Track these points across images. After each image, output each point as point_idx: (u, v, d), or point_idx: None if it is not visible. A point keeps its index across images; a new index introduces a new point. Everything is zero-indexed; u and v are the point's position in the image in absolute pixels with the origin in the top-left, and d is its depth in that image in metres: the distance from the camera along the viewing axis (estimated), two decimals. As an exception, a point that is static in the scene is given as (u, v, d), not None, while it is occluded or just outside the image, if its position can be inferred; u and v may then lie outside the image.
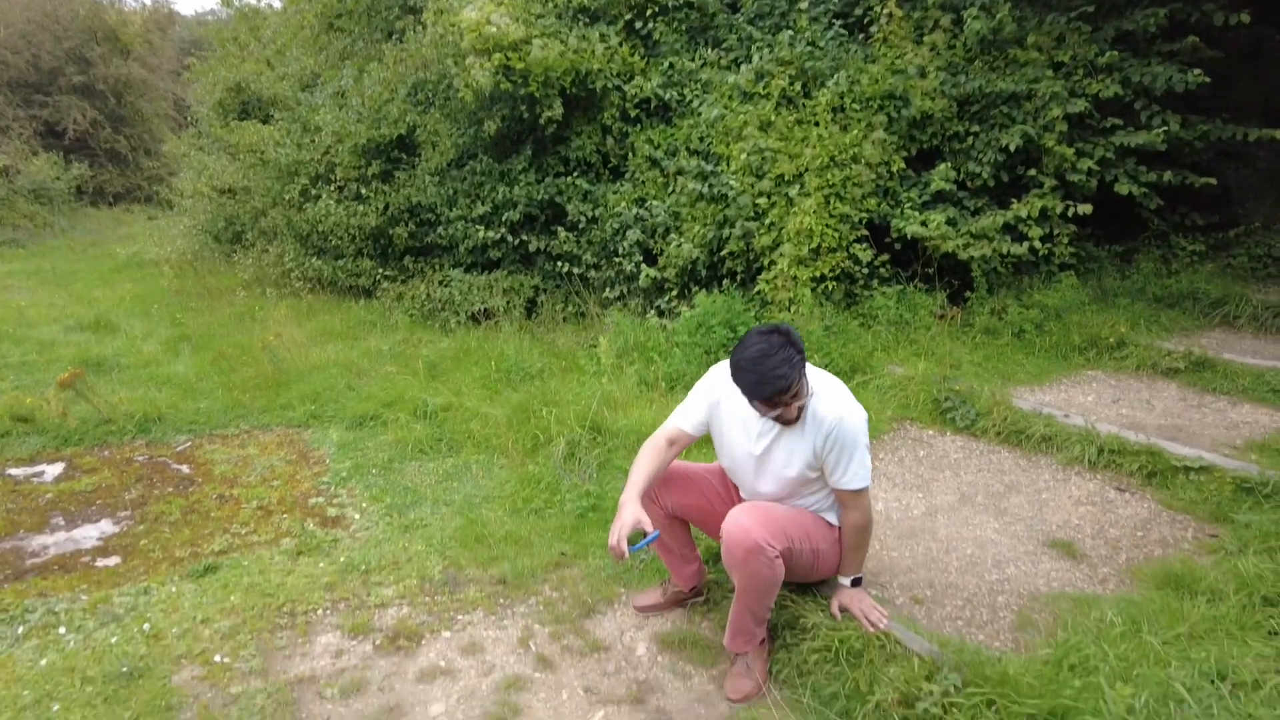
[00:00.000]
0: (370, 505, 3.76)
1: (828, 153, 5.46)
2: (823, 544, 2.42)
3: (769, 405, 2.22)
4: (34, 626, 2.81)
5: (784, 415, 2.25)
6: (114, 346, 6.49)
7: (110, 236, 16.10)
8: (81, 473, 4.27)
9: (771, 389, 2.15)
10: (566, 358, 5.46)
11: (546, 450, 4.04)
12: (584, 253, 6.41)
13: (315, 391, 5.20)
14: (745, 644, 2.43)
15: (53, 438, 4.64)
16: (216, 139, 9.95)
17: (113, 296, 8.90)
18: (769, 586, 2.31)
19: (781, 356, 2.14)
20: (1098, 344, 4.87)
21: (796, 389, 2.18)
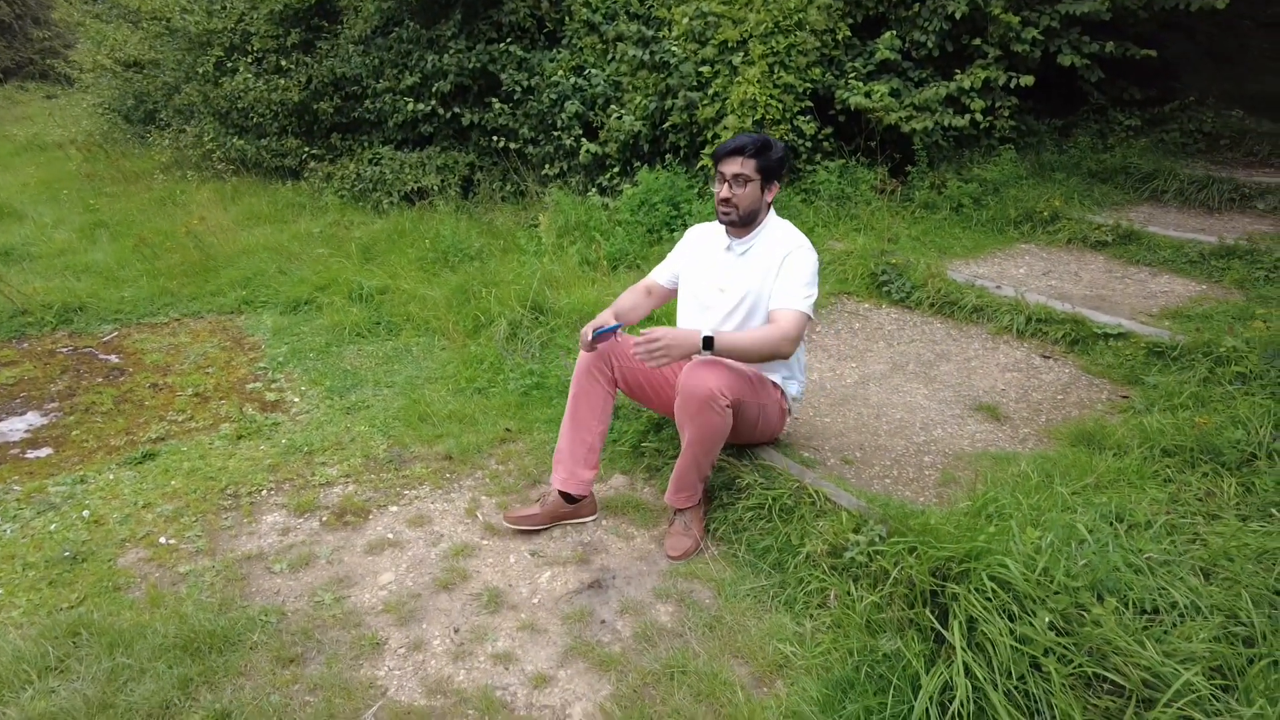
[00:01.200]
0: (310, 389, 3.72)
1: (772, 18, 5.26)
2: (768, 402, 2.50)
3: (729, 163, 2.36)
4: (-35, 517, 2.76)
5: (735, 197, 2.38)
6: (21, 235, 6.13)
7: (4, 118, 14.88)
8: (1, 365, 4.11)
9: (734, 144, 2.35)
10: (506, 238, 5.35)
11: (488, 331, 4.01)
12: (520, 126, 6.17)
13: (246, 277, 5.02)
14: (686, 500, 2.52)
15: (-36, 330, 4.43)
16: (115, 4, 9.10)
17: (14, 182, 8.32)
18: (718, 436, 2.36)
19: (755, 137, 2.37)
20: (1032, 218, 4.96)
21: (754, 165, 2.35)
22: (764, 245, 2.45)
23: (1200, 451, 2.52)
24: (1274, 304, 3.57)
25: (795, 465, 2.59)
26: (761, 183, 2.39)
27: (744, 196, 2.38)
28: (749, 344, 2.29)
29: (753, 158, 2.35)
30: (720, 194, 2.41)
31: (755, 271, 2.43)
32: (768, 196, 2.44)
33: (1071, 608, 1.77)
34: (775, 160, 2.39)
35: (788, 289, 2.36)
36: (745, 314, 2.46)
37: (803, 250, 2.41)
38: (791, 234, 2.46)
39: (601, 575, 2.41)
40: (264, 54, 7.12)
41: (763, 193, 2.41)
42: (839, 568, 2.17)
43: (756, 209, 2.42)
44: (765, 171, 2.38)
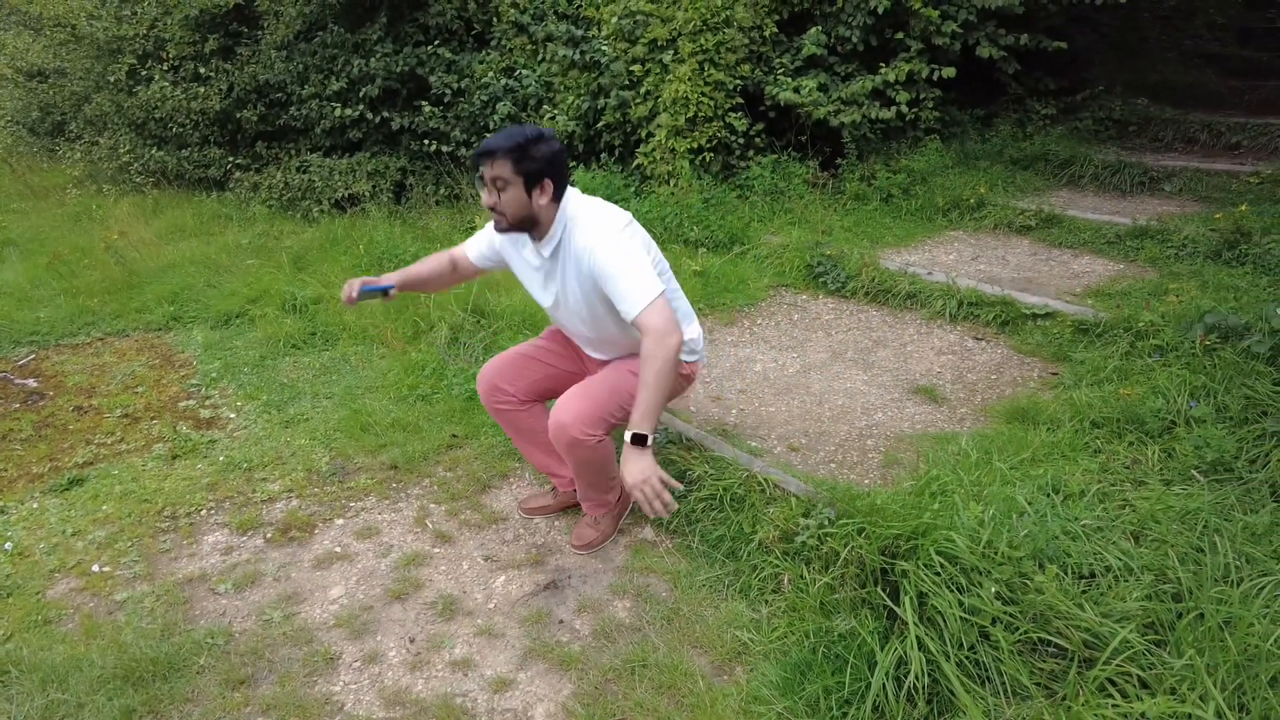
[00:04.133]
0: (246, 404, 3.61)
1: (700, 16, 5.31)
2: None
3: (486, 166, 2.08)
4: (-124, 556, 2.60)
5: (499, 203, 2.09)
6: (-75, 256, 5.79)
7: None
8: (-94, 394, 3.87)
9: (487, 144, 2.07)
10: (442, 241, 5.27)
11: (429, 337, 3.96)
12: (452, 129, 6.10)
13: (172, 292, 4.84)
14: (597, 508, 2.52)
15: None
16: (13, 10, 8.66)
17: (-87, 200, 7.85)
18: (600, 464, 2.34)
19: (515, 134, 2.06)
20: (959, 205, 5.12)
21: (511, 168, 2.04)
22: (567, 252, 2.17)
23: (1126, 422, 2.65)
24: (1184, 279, 3.77)
25: (744, 455, 2.62)
26: (525, 185, 2.06)
27: (508, 202, 2.08)
28: (648, 387, 1.98)
29: (508, 159, 2.04)
30: (485, 201, 2.13)
31: (572, 278, 2.19)
32: (539, 198, 2.09)
33: (1015, 577, 1.83)
34: (536, 160, 2.05)
35: (621, 293, 2.05)
36: (591, 314, 2.25)
37: (600, 248, 2.07)
38: (583, 232, 2.12)
39: (557, 576, 2.40)
40: (180, 61, 6.87)
41: (529, 195, 2.08)
42: (791, 553, 2.21)
43: (529, 214, 2.11)
44: (527, 174, 2.05)
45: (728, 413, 3.08)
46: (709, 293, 4.20)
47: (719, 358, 3.61)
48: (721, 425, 2.96)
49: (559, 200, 2.15)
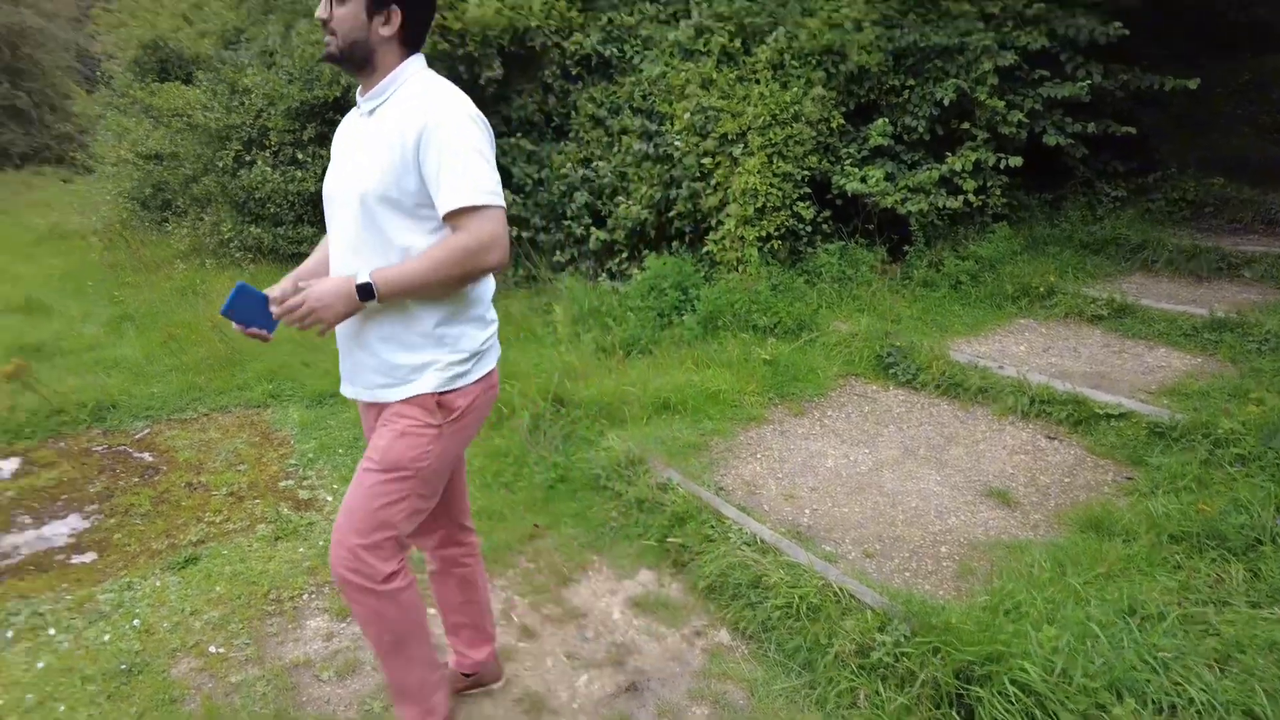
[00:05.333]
0: (340, 486, 3.84)
1: (769, 111, 5.55)
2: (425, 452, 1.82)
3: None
4: (21, 629, 2.86)
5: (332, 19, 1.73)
6: (51, 330, 6.31)
7: (21, 203, 15.33)
8: (39, 467, 4.24)
9: None
10: (521, 325, 5.53)
11: (511, 423, 4.16)
12: (531, 216, 6.43)
13: (270, 370, 5.19)
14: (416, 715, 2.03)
15: (1, 432, 4.56)
16: (135, 100, 9.50)
17: (39, 273, 8.57)
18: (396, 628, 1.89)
19: None
20: (1029, 292, 5.15)
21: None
22: (398, 103, 1.75)
23: (1207, 537, 2.65)
24: (1266, 378, 3.73)
25: (819, 562, 2.71)
26: (368, 4, 1.71)
27: (343, 19, 1.72)
28: (428, 271, 1.66)
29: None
30: (318, 13, 1.77)
31: (379, 144, 1.72)
32: (381, 28, 1.73)
33: (1092, 709, 1.87)
34: None
35: (452, 179, 1.65)
36: (357, 216, 1.76)
37: (448, 121, 1.68)
38: (436, 97, 1.72)
39: (637, 678, 2.51)
40: (280, 147, 7.43)
41: (370, 19, 1.72)
42: (867, 667, 2.28)
43: (360, 40, 1.73)
44: None
45: (801, 512, 3.17)
46: (779, 381, 4.32)
47: (790, 451, 3.71)
48: (795, 527, 3.05)
49: (408, 48, 1.79)
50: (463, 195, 1.66)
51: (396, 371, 1.82)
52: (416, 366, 1.81)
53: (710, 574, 2.80)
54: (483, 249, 1.67)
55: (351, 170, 1.79)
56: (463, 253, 1.66)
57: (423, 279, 1.68)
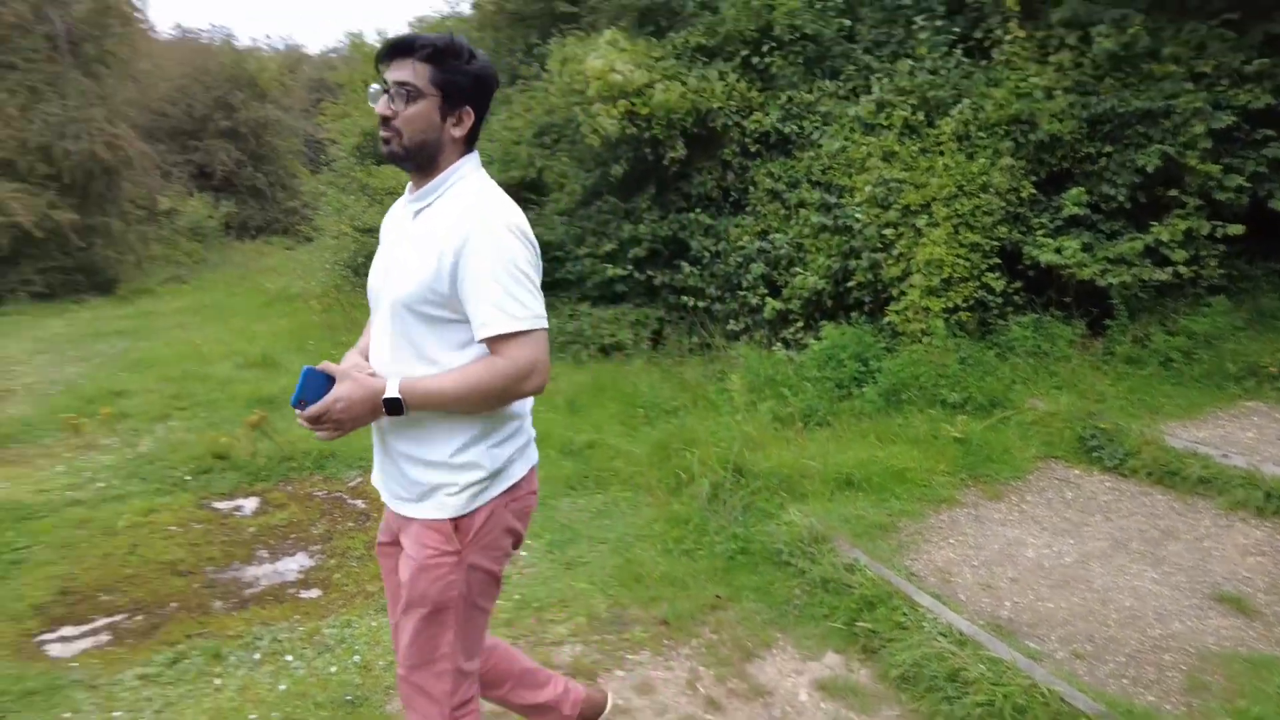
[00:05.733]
0: (532, 541, 4.06)
1: (954, 181, 5.47)
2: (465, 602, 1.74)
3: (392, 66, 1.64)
4: (266, 653, 3.22)
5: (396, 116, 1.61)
6: (280, 384, 7.13)
7: (255, 268, 17.47)
8: (274, 507, 4.78)
9: (402, 39, 1.64)
10: (696, 392, 5.66)
11: (690, 490, 4.25)
12: (707, 286, 6.62)
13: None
14: None
15: (245, 474, 5.18)
16: (355, 179, 10.72)
17: (270, 331, 9.73)
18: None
19: (441, 35, 1.65)
20: (1257, 373, 4.69)
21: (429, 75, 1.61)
22: (445, 208, 1.66)
23: None
24: None
25: (1023, 659, 2.56)
26: (442, 103, 1.62)
27: (410, 118, 1.61)
28: (461, 391, 1.58)
29: (427, 62, 1.60)
30: (378, 109, 1.64)
31: (424, 246, 1.63)
32: (453, 129, 1.66)
33: None
34: (465, 73, 1.63)
35: (489, 300, 1.57)
36: (391, 320, 1.70)
37: (493, 240, 1.59)
38: (480, 210, 1.62)
39: (829, 763, 2.46)
40: (480, 223, 8.12)
41: (443, 120, 1.64)
42: (1086, 781, 2.12)
43: (431, 141, 1.64)
44: (447, 88, 1.62)
45: (1000, 604, 3.02)
46: (971, 462, 4.15)
47: (986, 537, 3.54)
48: (995, 619, 2.91)
49: (468, 148, 1.73)
50: (503, 321, 1.57)
51: (413, 488, 1.74)
52: (432, 487, 1.71)
53: (903, 663, 2.71)
54: (522, 376, 1.60)
55: (392, 270, 1.72)
56: (502, 378, 1.59)
57: (455, 398, 1.60)
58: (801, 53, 6.82)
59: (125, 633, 3.47)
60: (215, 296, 13.77)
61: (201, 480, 5.09)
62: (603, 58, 6.39)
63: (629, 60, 6.44)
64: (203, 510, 4.74)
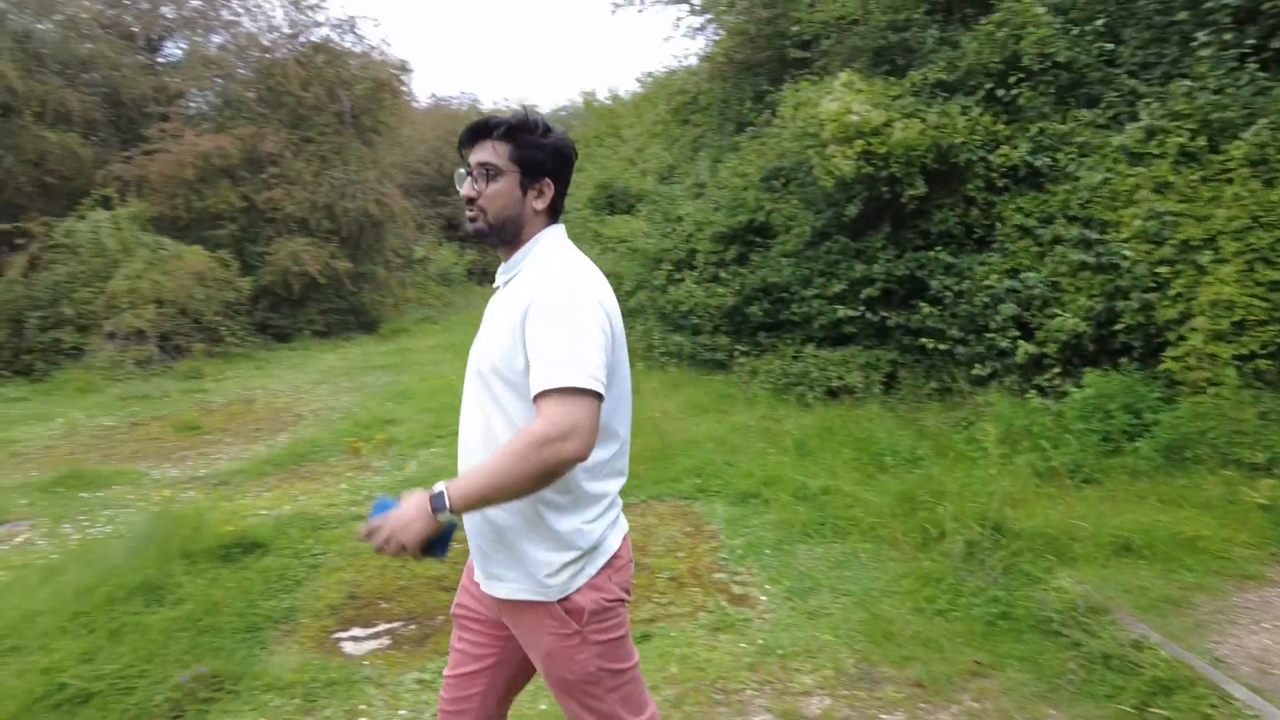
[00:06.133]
0: (771, 586, 4.03)
1: (1247, 212, 4.83)
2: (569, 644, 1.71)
3: (473, 149, 1.75)
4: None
5: (480, 196, 1.70)
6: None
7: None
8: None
9: (479, 122, 1.74)
10: (939, 440, 5.38)
11: (940, 546, 4.02)
12: (949, 328, 6.30)
13: (698, 466, 5.70)
14: None
15: (497, 500, 5.62)
16: (587, 230, 11.44)
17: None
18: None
19: (517, 113, 1.74)
20: None
21: (508, 153, 1.69)
22: (526, 277, 1.70)
23: None
24: None
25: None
26: (521, 178, 1.70)
27: (493, 196, 1.69)
28: (498, 467, 1.50)
29: (504, 140, 1.69)
30: (463, 191, 1.74)
31: (506, 315, 1.66)
32: (535, 201, 1.73)
33: None
34: (541, 147, 1.71)
35: (540, 356, 1.54)
36: (479, 395, 1.72)
37: (554, 290, 1.60)
38: (551, 273, 1.65)
39: None
40: (705, 266, 8.33)
41: (524, 193, 1.72)
42: None
43: (514, 215, 1.72)
44: (525, 164, 1.70)
45: (1345, 708, 2.55)
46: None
47: (1313, 626, 3.03)
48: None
49: (551, 218, 1.79)
50: (549, 377, 1.51)
51: (491, 565, 1.75)
52: (520, 567, 1.70)
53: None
54: (559, 437, 1.47)
55: (480, 339, 1.75)
56: (535, 442, 1.47)
57: (494, 477, 1.50)
58: (1054, 82, 6.39)
59: (403, 639, 3.85)
60: (461, 336, 15.18)
61: (460, 503, 5.58)
62: (838, 100, 6.37)
63: (865, 100, 6.37)
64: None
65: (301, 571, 4.53)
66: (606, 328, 1.62)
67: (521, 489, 1.51)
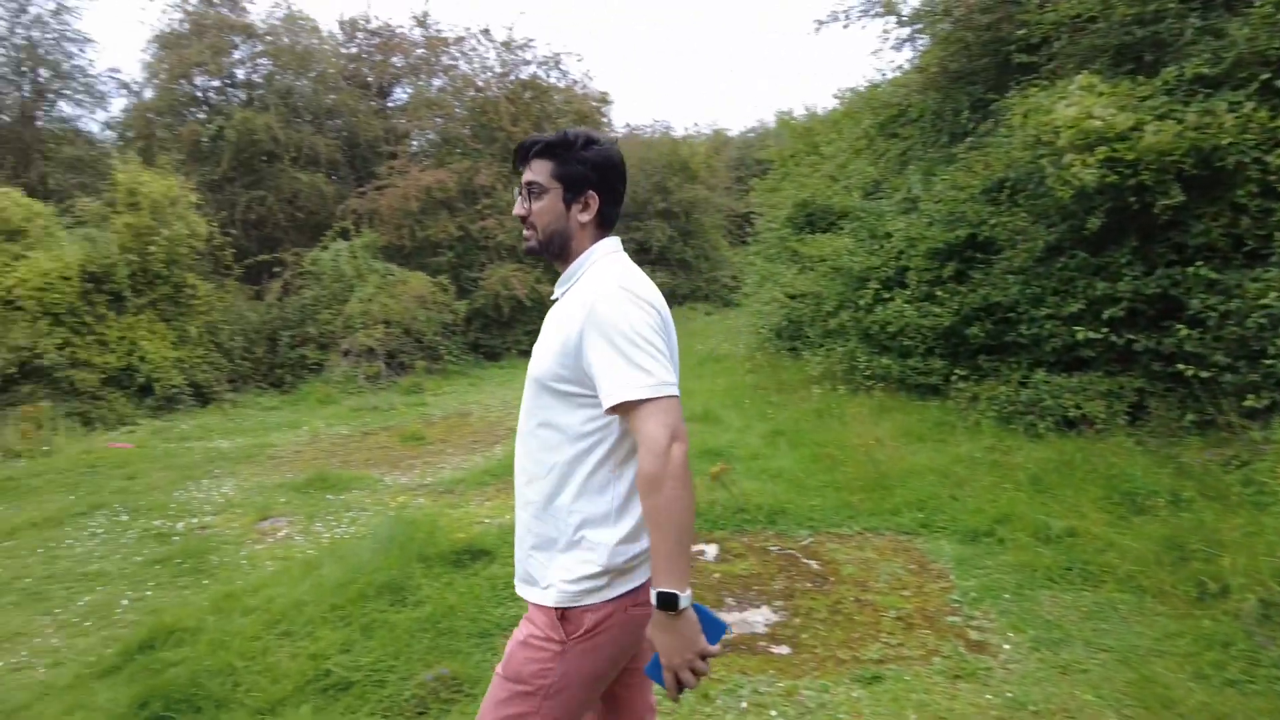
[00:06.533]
0: (1014, 634, 3.68)
1: None
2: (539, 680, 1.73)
3: (524, 170, 1.83)
4: (750, 704, 3.36)
5: (531, 214, 1.80)
6: (726, 439, 7.65)
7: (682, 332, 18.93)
8: (733, 557, 5.06)
9: (524, 142, 1.82)
10: (1205, 480, 4.72)
11: (1222, 604, 3.50)
12: (1211, 353, 5.54)
13: (919, 498, 5.37)
14: None
15: (704, 520, 5.58)
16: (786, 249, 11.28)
17: (706, 389, 10.56)
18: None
19: (561, 131, 1.80)
20: None
21: (549, 170, 1.77)
22: (580, 289, 1.75)
23: None
24: None
25: None
26: (564, 193, 1.78)
27: (541, 212, 1.78)
28: (671, 530, 1.53)
29: (544, 158, 1.78)
30: (515, 210, 1.84)
31: (560, 326, 1.72)
32: (580, 214, 1.79)
33: None
34: (583, 161, 1.77)
35: (611, 367, 1.59)
36: (530, 402, 1.80)
37: (607, 300, 1.64)
38: (603, 284, 1.69)
39: None
40: (918, 285, 7.91)
41: (568, 208, 1.78)
42: None
43: (560, 230, 1.79)
44: (566, 179, 1.77)
45: None
46: None
47: None
48: None
49: (601, 230, 1.83)
50: (626, 389, 1.57)
51: (528, 565, 1.80)
52: (545, 569, 1.75)
53: None
54: (665, 449, 1.53)
55: (536, 350, 1.81)
56: (660, 481, 1.52)
57: (675, 535, 1.53)
58: (1354, 64, 5.50)
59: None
60: (653, 356, 15.48)
61: (669, 523, 5.60)
62: (1076, 104, 5.82)
63: (1109, 103, 5.78)
64: (672, 551, 5.19)
65: (525, 581, 4.72)
66: (662, 333, 1.69)
67: (684, 518, 1.54)
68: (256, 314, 14.23)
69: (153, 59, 16.81)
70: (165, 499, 7.04)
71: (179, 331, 12.65)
